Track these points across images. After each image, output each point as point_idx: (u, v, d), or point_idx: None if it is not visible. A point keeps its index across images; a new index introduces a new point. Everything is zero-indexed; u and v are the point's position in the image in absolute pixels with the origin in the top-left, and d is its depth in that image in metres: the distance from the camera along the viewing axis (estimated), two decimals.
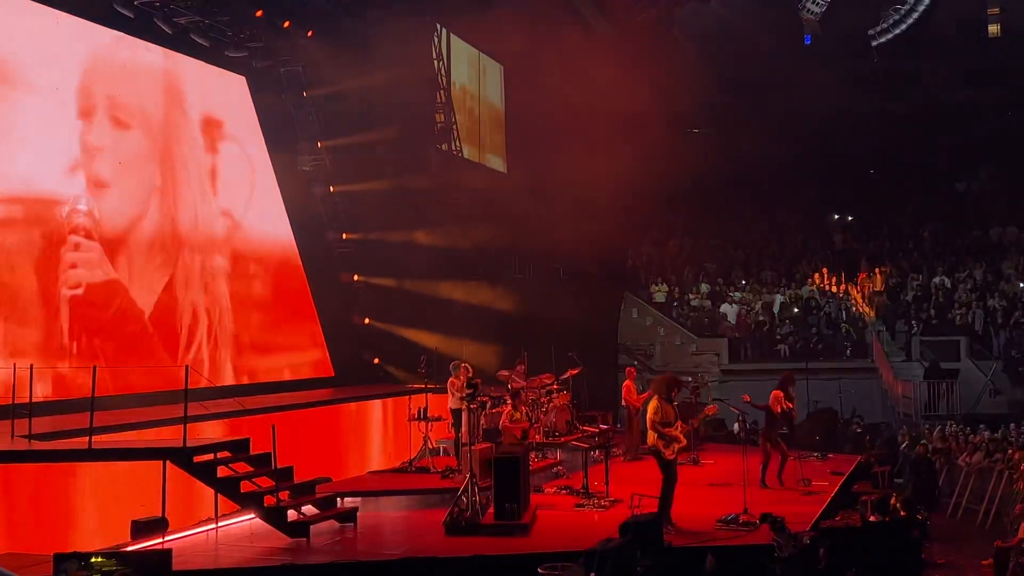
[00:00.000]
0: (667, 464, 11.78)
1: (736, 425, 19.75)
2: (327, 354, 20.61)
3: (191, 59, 17.58)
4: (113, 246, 15.71)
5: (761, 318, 27.70)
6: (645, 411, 12.21)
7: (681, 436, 11.92)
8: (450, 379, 15.67)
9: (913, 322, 26.52)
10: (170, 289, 16.83)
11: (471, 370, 15.65)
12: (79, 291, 14.87)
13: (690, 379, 21.84)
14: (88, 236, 15.23)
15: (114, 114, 16.00)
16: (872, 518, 12.59)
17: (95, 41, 15.75)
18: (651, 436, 11.82)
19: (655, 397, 11.96)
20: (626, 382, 18.05)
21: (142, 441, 12.44)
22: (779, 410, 14.88)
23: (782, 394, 15.06)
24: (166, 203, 16.97)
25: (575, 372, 17.14)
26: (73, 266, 14.89)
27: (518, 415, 14.46)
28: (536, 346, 18.45)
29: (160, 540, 10.87)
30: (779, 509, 11.91)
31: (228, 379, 17.65)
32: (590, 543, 9.95)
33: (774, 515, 11.27)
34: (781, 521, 10.99)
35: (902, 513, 13.18)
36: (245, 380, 18.08)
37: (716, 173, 27.80)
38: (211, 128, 18.21)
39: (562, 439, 16.10)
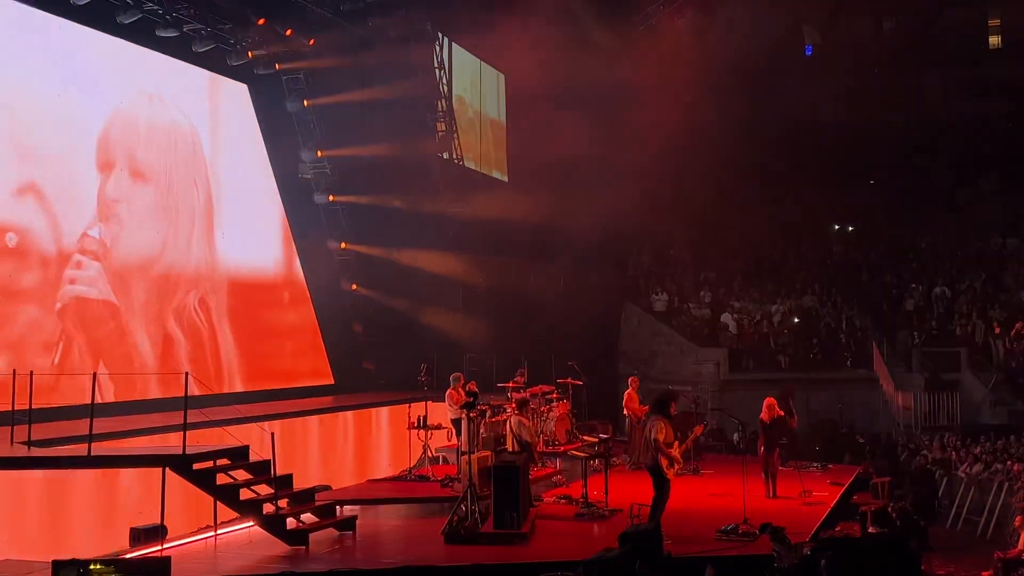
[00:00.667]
0: (665, 481, 11.85)
1: (736, 435, 19.72)
2: (327, 362, 20.62)
3: (193, 67, 17.63)
4: (118, 264, 15.75)
5: (763, 328, 27.69)
6: (646, 427, 12.20)
7: (679, 457, 12.10)
8: (448, 391, 15.64)
9: (914, 333, 26.50)
10: (173, 296, 16.86)
11: (460, 376, 15.68)
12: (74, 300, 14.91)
13: (689, 388, 21.85)
14: (96, 258, 15.33)
15: (128, 154, 16.10)
16: (871, 529, 12.57)
17: (98, 53, 15.80)
18: (651, 454, 11.91)
19: (659, 418, 11.89)
20: (628, 391, 18.01)
21: (141, 448, 12.43)
22: (768, 418, 14.95)
23: (774, 402, 15.14)
24: (168, 217, 17.00)
25: (576, 383, 17.12)
26: (72, 282, 14.94)
27: (528, 425, 14.29)
28: (537, 355, 18.46)
29: (159, 547, 10.86)
30: (779, 520, 11.90)
31: (228, 386, 17.65)
32: (589, 553, 9.93)
33: (774, 525, 11.24)
34: (781, 531, 10.97)
35: (898, 523, 13.18)
36: (245, 387, 18.08)
37: (717, 183, 27.81)
38: (213, 137, 18.25)
39: (562, 448, 16.09)
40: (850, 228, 32.61)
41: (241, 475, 12.11)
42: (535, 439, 15.02)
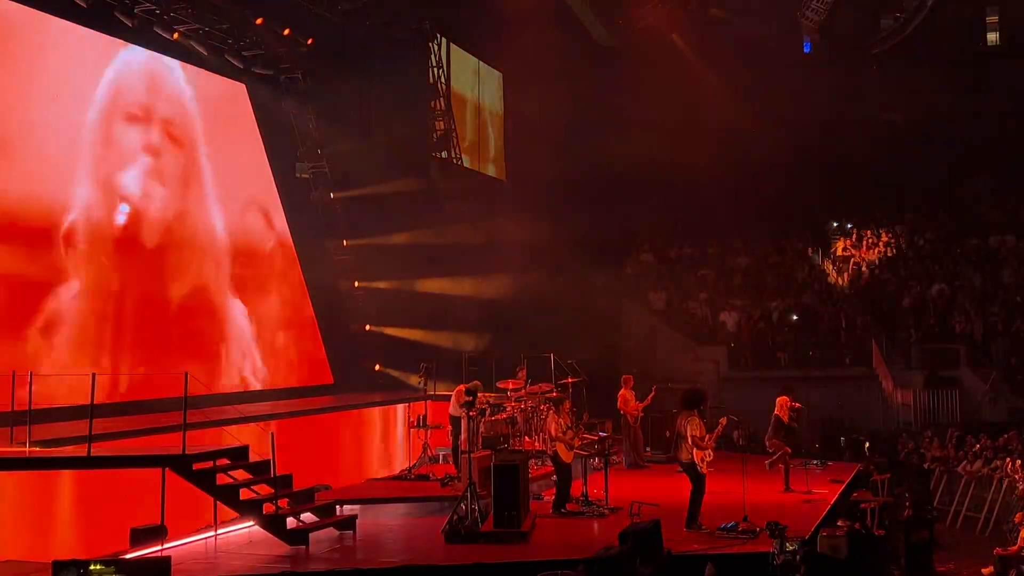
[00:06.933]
0: (701, 477, 12.23)
1: (735, 433, 19.70)
2: (327, 361, 20.60)
3: (191, 67, 17.61)
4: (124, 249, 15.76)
5: (762, 326, 27.67)
6: (678, 423, 12.33)
7: (711, 450, 12.34)
8: (459, 387, 15.56)
9: (912, 330, 26.48)
10: (169, 299, 16.86)
11: (480, 384, 15.55)
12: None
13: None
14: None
15: (120, 130, 16.06)
16: (856, 526, 12.56)
17: (96, 52, 15.78)
18: (687, 451, 12.13)
19: (693, 413, 12.20)
20: (622, 391, 18.01)
21: (141, 448, 12.42)
22: (786, 416, 15.14)
23: (788, 400, 15.33)
24: (163, 214, 17.00)
25: (575, 380, 17.10)
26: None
27: (564, 422, 13.98)
28: (536, 354, 18.41)
29: (159, 548, 10.85)
30: (780, 517, 11.90)
31: (228, 386, 17.63)
32: (590, 551, 9.94)
33: (780, 524, 11.27)
34: (783, 530, 10.98)
35: (887, 522, 13.24)
36: (244, 387, 18.07)
37: (715, 180, 27.78)
38: (210, 136, 18.22)
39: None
40: (849, 225, 32.60)
41: (241, 475, 12.11)
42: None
